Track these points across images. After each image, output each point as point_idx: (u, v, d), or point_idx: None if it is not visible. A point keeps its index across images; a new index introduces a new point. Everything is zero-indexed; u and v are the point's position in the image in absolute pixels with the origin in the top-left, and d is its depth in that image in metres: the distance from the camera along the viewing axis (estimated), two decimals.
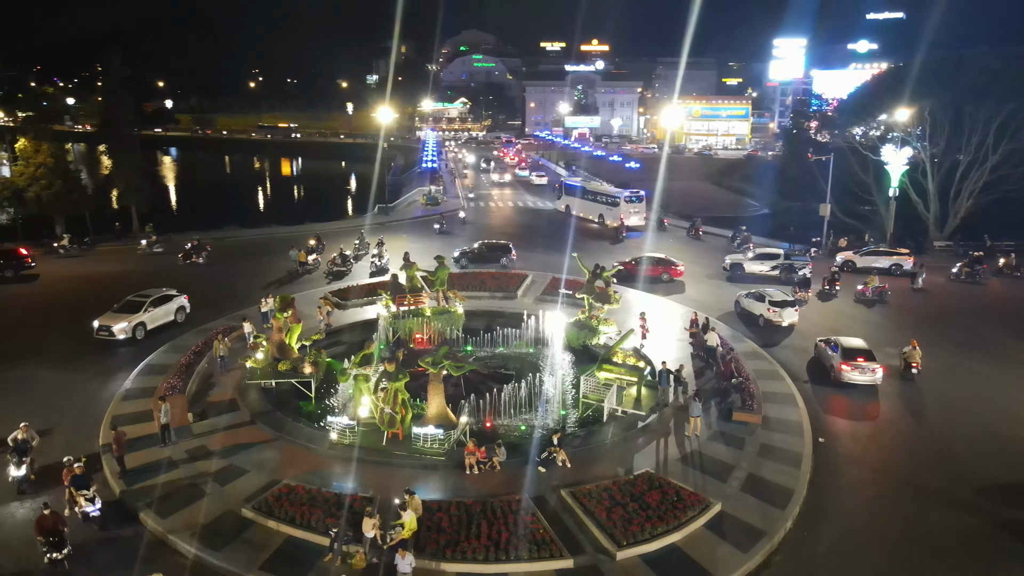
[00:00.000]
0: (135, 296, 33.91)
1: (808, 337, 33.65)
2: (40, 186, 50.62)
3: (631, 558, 17.65)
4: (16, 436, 20.54)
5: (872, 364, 28.34)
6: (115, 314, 32.60)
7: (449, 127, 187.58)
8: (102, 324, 31.95)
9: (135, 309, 33.00)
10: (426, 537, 17.80)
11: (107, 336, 31.67)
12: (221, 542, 17.97)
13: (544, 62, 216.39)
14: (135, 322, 32.42)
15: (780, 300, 35.77)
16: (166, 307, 34.33)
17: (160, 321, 33.67)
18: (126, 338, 31.88)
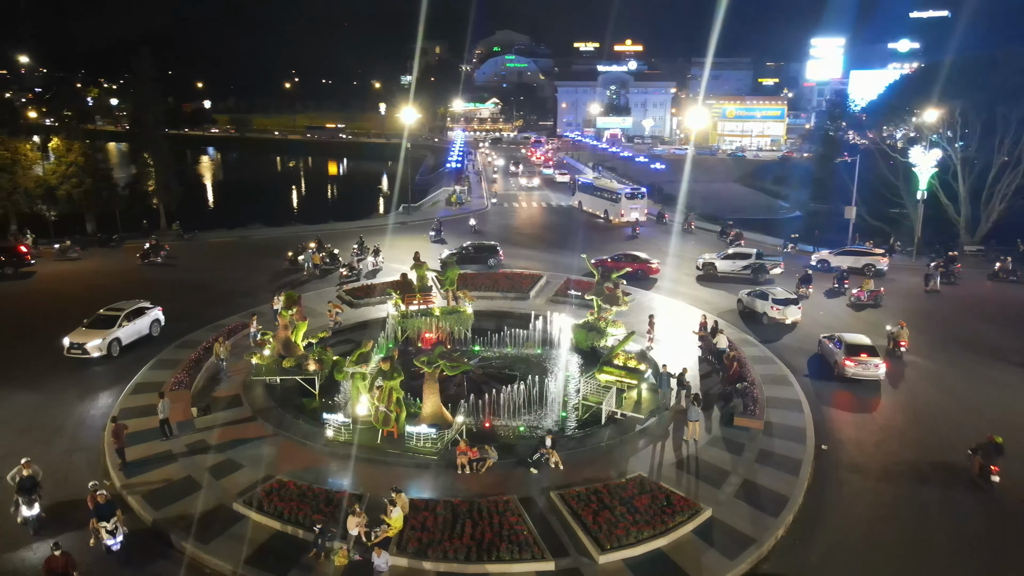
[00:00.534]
0: (107, 310, 31.72)
1: (807, 334, 33.61)
2: (71, 184, 52.06)
3: (614, 562, 17.52)
4: (20, 473, 18.78)
5: (875, 360, 28.78)
6: (87, 330, 30.37)
7: (481, 127, 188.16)
8: (74, 342, 29.71)
9: (109, 324, 30.79)
10: (410, 536, 17.88)
11: (80, 354, 29.52)
12: (210, 535, 18.28)
13: (577, 62, 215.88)
14: (110, 338, 30.23)
15: (783, 298, 35.91)
16: (141, 321, 32.25)
17: (135, 336, 31.70)
18: (100, 356, 29.85)
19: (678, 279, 44.72)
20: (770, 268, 43.78)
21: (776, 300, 35.74)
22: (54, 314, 35.12)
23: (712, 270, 45.25)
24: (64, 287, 41.71)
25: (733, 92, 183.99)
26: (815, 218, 63.95)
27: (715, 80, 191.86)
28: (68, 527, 18.61)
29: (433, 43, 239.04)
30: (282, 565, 17.19)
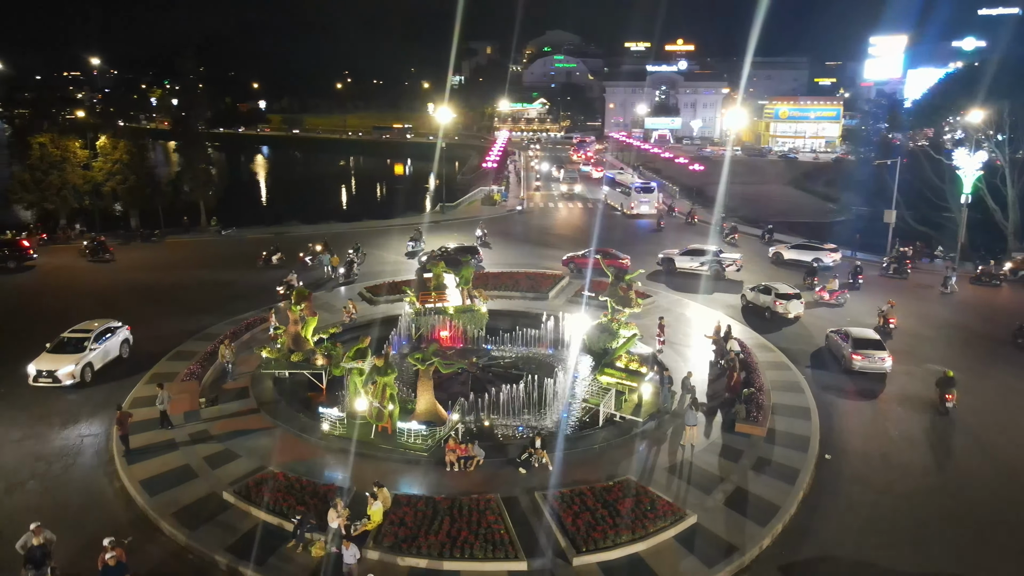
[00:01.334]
0: (72, 332, 28.98)
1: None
2: (116, 181, 54.12)
3: (588, 565, 17.40)
4: (29, 542, 16.07)
5: (881, 353, 29.46)
6: (55, 355, 27.65)
7: (528, 127, 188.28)
8: (42, 369, 26.97)
9: (77, 347, 28.17)
10: (388, 530, 18.08)
11: (49, 383, 26.84)
12: (197, 522, 18.81)
13: (627, 62, 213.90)
14: (83, 363, 27.57)
15: (786, 293, 36.43)
16: (111, 342, 29.62)
17: (107, 359, 29.13)
18: (73, 383, 27.15)
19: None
20: (727, 265, 44.73)
21: (779, 295, 36.27)
22: (46, 314, 36.02)
23: (671, 266, 45.77)
24: (60, 283, 42.92)
25: (788, 92, 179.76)
26: (860, 222, 62.12)
27: (769, 80, 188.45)
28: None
29: (483, 43, 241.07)
30: (262, 554, 17.57)
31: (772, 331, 34.66)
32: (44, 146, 52.43)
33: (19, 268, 44.72)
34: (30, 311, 37.14)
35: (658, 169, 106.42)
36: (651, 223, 61.77)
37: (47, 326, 31.67)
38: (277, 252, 46.79)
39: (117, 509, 20.04)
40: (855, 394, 28.36)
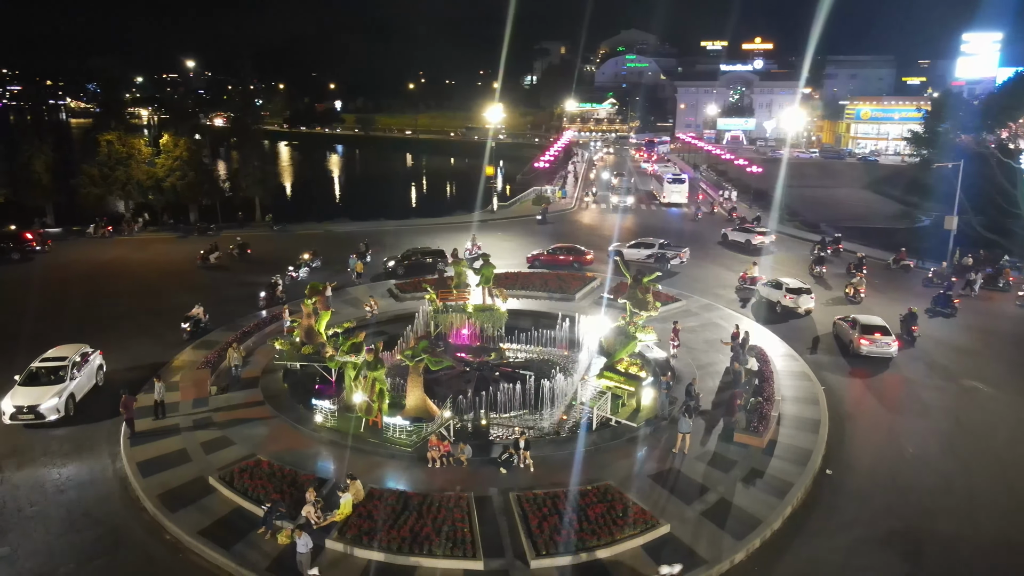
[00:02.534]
0: (44, 360, 25.99)
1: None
2: (175, 177, 56.76)
3: (547, 568, 17.22)
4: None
5: (887, 338, 30.76)
6: (30, 388, 24.69)
7: (597, 127, 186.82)
8: (21, 404, 23.93)
9: (53, 377, 25.22)
10: (354, 523, 18.34)
11: (31, 420, 23.93)
12: (179, 505, 19.57)
13: (703, 61, 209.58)
14: (66, 394, 24.79)
15: (796, 287, 37.52)
16: (88, 369, 26.86)
17: (86, 388, 26.48)
18: (58, 418, 24.35)
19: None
20: (671, 257, 47.01)
21: (789, 289, 37.37)
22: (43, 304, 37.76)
23: (621, 257, 45.87)
24: (59, 274, 44.57)
25: (873, 92, 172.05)
26: (934, 229, 58.84)
27: (853, 79, 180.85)
28: None
29: (557, 43, 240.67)
30: (230, 538, 18.14)
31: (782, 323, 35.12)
32: (111, 143, 55.60)
33: (23, 259, 46.98)
34: (33, 300, 38.62)
35: (724, 171, 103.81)
36: (682, 212, 65.78)
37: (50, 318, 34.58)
38: (215, 251, 46.90)
39: (113, 488, 21.02)
40: (876, 407, 27.05)
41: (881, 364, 30.85)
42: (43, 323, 33.90)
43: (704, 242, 55.32)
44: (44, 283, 42.11)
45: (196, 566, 17.69)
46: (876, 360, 30.97)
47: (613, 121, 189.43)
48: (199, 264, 46.38)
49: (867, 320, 32.14)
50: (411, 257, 45.09)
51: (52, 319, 35.05)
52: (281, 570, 17.02)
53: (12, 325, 33.58)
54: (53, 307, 37.43)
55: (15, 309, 36.86)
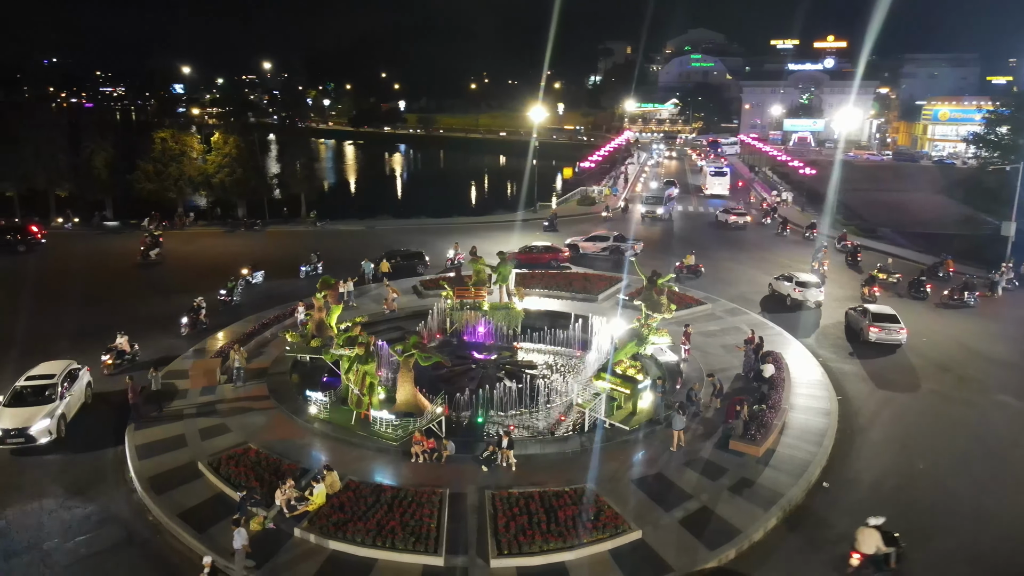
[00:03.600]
0: (29, 379, 24.19)
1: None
2: (224, 173, 58.80)
3: (507, 568, 17.10)
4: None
5: (896, 325, 32.01)
6: (17, 409, 22.87)
7: (659, 128, 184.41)
8: (8, 428, 22.12)
9: (41, 396, 23.53)
10: (325, 513, 18.60)
11: (20, 443, 22.15)
12: (165, 488, 20.23)
13: (771, 60, 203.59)
14: (57, 414, 23.05)
15: (805, 281, 38.26)
16: (77, 386, 25.16)
17: (76, 407, 24.78)
18: (49, 441, 22.65)
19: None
20: (624, 250, 48.44)
21: (798, 282, 38.24)
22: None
23: (576, 251, 49.55)
24: (61, 264, 46.59)
25: (955, 91, 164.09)
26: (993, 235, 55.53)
27: (932, 79, 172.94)
28: None
29: (621, 43, 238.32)
30: (206, 523, 18.64)
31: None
32: (165, 141, 58.04)
33: (29, 250, 48.73)
34: (41, 287, 40.96)
35: (786, 174, 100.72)
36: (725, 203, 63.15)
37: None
38: (156, 247, 47.06)
39: (112, 469, 21.89)
40: (894, 420, 25.79)
41: (903, 370, 29.49)
42: (41, 317, 35.31)
43: (747, 246, 53.92)
44: (46, 274, 44.40)
45: (171, 547, 18.26)
46: (896, 364, 29.63)
47: (675, 122, 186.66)
48: (139, 259, 46.46)
49: (877, 309, 33.49)
50: (392, 259, 44.13)
51: (57, 308, 36.86)
52: (250, 557, 17.36)
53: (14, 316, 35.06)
54: (55, 298, 38.89)
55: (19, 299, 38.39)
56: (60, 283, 41.92)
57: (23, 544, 18.30)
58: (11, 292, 39.76)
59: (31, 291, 39.72)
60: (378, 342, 28.06)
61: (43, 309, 36.35)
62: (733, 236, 58.87)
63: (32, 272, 44.37)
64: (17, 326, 33.22)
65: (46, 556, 17.91)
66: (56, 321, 34.62)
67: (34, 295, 38.89)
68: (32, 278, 42.92)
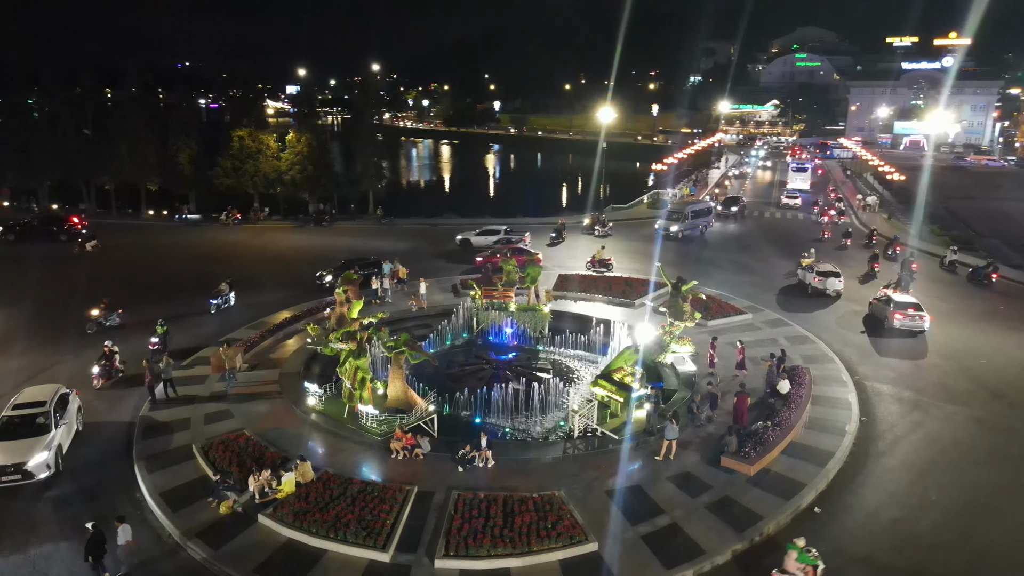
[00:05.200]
0: (16, 409, 22.16)
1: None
2: (295, 171, 61.31)
3: (450, 570, 17.02)
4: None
5: (919, 312, 33.16)
6: (8, 443, 20.86)
7: (757, 131, 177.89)
8: (4, 465, 20.24)
9: (36, 426, 21.46)
10: (290, 503, 19.09)
11: (16, 480, 20.20)
12: (158, 467, 21.33)
13: (886, 59, 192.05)
14: (54, 446, 21.11)
15: (825, 271, 40.20)
16: (70, 413, 23.16)
17: (71, 436, 22.87)
18: (48, 476, 20.74)
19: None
20: (516, 242, 49.58)
21: (819, 272, 40.14)
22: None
23: (468, 245, 51.03)
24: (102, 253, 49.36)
25: None
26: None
27: None
28: None
29: (725, 43, 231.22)
30: (182, 503, 19.53)
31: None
32: (243, 139, 61.18)
33: (70, 240, 51.41)
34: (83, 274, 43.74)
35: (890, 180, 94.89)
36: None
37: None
38: (93, 239, 48.83)
39: (121, 445, 23.22)
40: (920, 445, 23.84)
41: (946, 393, 27.23)
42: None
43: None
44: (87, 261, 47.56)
45: (146, 523, 19.23)
46: (940, 386, 27.39)
47: (775, 124, 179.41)
48: (76, 252, 48.47)
49: (901, 298, 34.57)
50: (352, 269, 38.81)
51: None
52: (206, 535, 18.16)
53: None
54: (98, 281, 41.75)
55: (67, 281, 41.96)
56: (100, 269, 45.34)
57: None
58: (56, 276, 43.50)
59: (70, 277, 43.27)
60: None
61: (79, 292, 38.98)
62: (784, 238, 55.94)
63: (72, 259, 48.04)
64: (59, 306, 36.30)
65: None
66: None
67: (73, 280, 42.27)
68: (71, 266, 46.47)
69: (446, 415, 25.36)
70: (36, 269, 44.35)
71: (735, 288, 40.83)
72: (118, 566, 17.01)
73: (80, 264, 46.73)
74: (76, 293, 38.04)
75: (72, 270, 45.16)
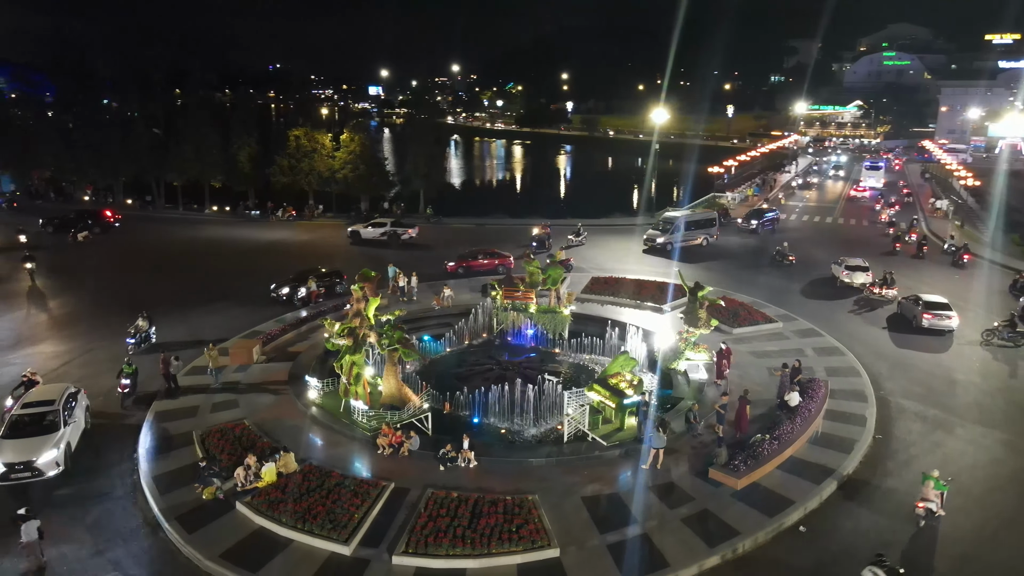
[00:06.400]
0: (26, 406, 22.54)
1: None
2: (348, 169, 62.85)
3: (406, 567, 17.15)
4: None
5: (948, 312, 33.61)
6: (18, 440, 21.21)
7: (839, 132, 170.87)
8: (14, 461, 20.56)
9: (45, 424, 21.87)
10: (268, 492, 19.64)
11: (28, 477, 20.55)
12: (159, 452, 22.32)
13: (984, 57, 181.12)
14: (63, 444, 21.39)
15: (854, 265, 41.82)
16: (78, 412, 23.53)
17: (79, 434, 23.09)
18: (57, 473, 21.00)
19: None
20: (401, 234, 53.62)
21: (848, 267, 41.83)
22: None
23: (357, 236, 54.06)
24: (129, 246, 52.74)
25: None
26: None
27: None
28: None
29: (808, 41, 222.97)
30: (170, 487, 20.36)
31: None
32: (299, 138, 63.19)
33: (103, 232, 55.74)
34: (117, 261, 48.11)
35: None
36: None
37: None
38: (85, 230, 52.88)
39: (130, 432, 24.35)
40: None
41: (977, 413, 25.55)
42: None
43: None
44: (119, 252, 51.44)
45: (137, 505, 20.16)
46: (974, 406, 25.73)
47: (857, 126, 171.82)
48: (69, 241, 52.10)
49: (930, 299, 34.96)
50: (306, 280, 38.91)
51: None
52: (184, 518, 18.90)
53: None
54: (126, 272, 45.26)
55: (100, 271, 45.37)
56: (135, 259, 49.21)
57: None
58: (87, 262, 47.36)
59: (106, 263, 47.41)
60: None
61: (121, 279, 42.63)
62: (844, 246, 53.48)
63: (106, 248, 52.12)
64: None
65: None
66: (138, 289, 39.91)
67: (109, 267, 46.32)
68: (104, 254, 50.32)
69: (445, 414, 25.53)
70: (61, 255, 49.29)
71: (777, 296, 39.53)
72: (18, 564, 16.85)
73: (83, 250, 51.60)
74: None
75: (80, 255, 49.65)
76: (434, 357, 31.58)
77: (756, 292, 39.73)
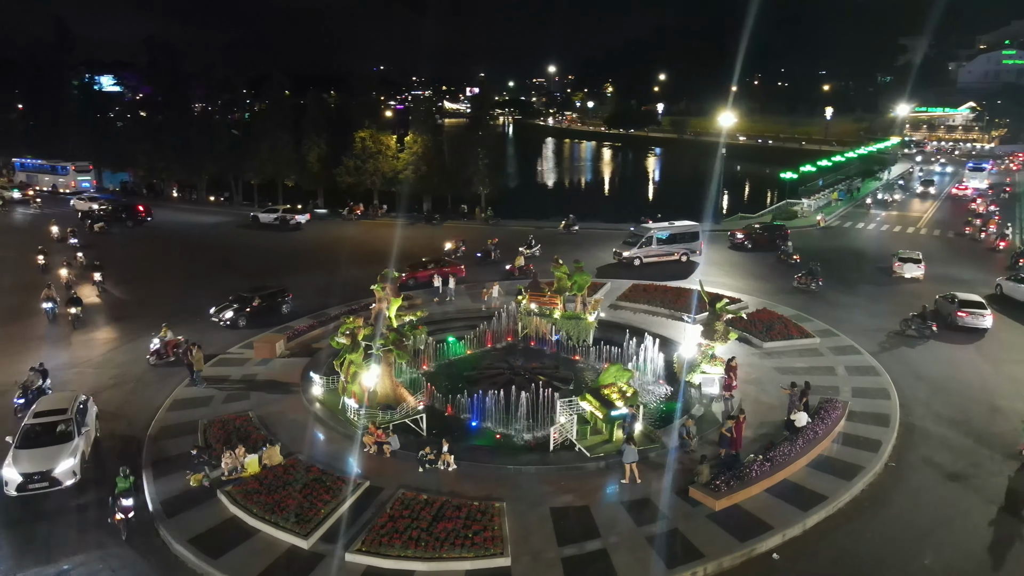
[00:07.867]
0: (38, 417, 22.09)
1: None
2: (410, 171, 64.23)
3: (357, 564, 17.46)
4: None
5: (984, 311, 34.35)
6: (34, 450, 20.83)
7: (949, 136, 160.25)
8: (32, 472, 20.19)
9: (58, 434, 21.58)
10: (247, 482, 20.43)
11: (43, 488, 20.22)
12: (165, 438, 23.59)
13: None
14: (78, 453, 21.22)
15: (906, 257, 44.49)
16: (90, 417, 23.34)
17: (90, 443, 22.81)
18: (74, 483, 20.73)
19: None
20: (290, 220, 60.67)
21: (900, 258, 44.57)
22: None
23: (257, 221, 61.40)
24: (161, 237, 57.23)
25: None
26: None
27: None
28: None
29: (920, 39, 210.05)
30: (162, 471, 21.44)
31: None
32: (364, 140, 65.05)
33: (136, 225, 60.66)
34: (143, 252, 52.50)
35: None
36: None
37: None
38: (100, 221, 57.34)
39: (146, 418, 25.73)
40: (937, 499, 20.94)
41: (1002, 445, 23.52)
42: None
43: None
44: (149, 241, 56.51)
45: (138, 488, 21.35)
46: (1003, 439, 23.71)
47: (970, 129, 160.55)
48: (87, 231, 55.76)
49: (965, 297, 35.73)
50: (250, 301, 36.18)
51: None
52: (168, 503, 19.91)
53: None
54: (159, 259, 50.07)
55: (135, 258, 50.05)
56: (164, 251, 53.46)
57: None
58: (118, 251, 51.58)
59: (134, 255, 51.77)
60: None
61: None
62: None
63: (136, 238, 57.36)
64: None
65: None
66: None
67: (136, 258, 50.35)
68: (135, 244, 55.18)
69: (447, 416, 25.80)
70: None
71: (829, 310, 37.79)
72: None
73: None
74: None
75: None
76: (453, 359, 31.90)
77: (814, 308, 38.23)
